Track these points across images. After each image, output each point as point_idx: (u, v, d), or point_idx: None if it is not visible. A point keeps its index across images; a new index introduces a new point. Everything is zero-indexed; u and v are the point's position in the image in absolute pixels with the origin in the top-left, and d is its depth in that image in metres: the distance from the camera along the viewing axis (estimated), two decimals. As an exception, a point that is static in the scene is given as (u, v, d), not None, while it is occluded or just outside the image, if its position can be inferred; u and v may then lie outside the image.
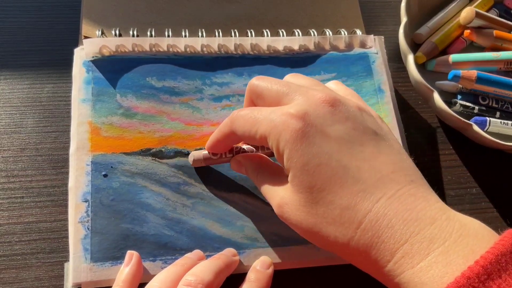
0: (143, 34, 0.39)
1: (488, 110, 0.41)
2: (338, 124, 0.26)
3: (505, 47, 0.43)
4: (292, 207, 0.26)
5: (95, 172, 0.33)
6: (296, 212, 0.26)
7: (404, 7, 0.43)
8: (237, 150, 0.33)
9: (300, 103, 0.26)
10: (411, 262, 0.22)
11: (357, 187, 0.24)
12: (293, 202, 0.26)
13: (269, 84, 0.29)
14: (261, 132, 0.27)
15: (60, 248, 0.33)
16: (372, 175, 0.25)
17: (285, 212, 0.27)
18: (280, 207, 0.27)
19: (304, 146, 0.25)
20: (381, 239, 0.23)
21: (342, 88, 0.31)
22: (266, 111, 0.27)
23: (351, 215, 0.24)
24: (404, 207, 0.23)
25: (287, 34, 0.41)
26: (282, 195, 0.27)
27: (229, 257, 0.31)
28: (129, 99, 0.36)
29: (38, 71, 0.39)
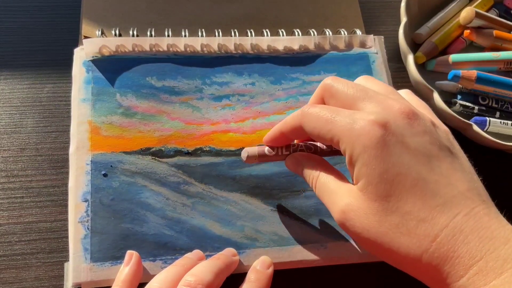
0: (143, 34, 0.39)
1: (488, 110, 0.41)
2: (417, 137, 0.26)
3: (505, 47, 0.43)
4: (359, 214, 0.26)
5: (94, 172, 0.33)
6: (365, 220, 0.25)
7: (404, 7, 0.43)
8: (294, 148, 0.32)
9: (379, 112, 0.26)
10: (485, 279, 0.22)
11: (436, 201, 0.24)
12: (362, 209, 0.26)
13: (345, 86, 0.28)
14: (334, 133, 0.26)
15: (60, 248, 0.33)
16: (449, 191, 0.24)
17: (350, 219, 0.26)
18: (344, 213, 0.26)
19: (384, 154, 0.25)
20: (456, 254, 0.23)
21: (414, 99, 0.31)
22: (343, 113, 0.27)
23: (428, 227, 0.24)
24: (479, 225, 0.23)
25: (287, 34, 0.41)
26: (348, 201, 0.26)
27: (229, 257, 0.31)
28: (129, 99, 0.36)
29: (38, 71, 0.39)
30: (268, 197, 0.34)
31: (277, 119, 0.37)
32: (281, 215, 0.34)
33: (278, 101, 0.38)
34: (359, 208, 0.26)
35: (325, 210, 0.34)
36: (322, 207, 0.34)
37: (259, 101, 0.38)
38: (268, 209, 0.34)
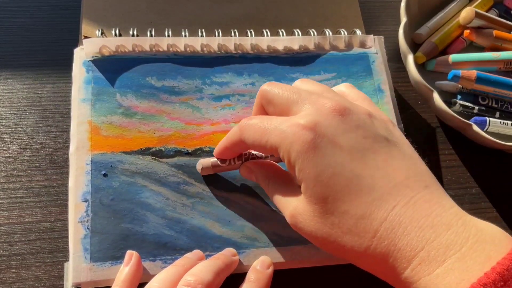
0: (143, 34, 0.39)
1: (488, 110, 0.41)
2: (349, 133, 0.26)
3: (505, 47, 0.43)
4: (305, 218, 0.26)
5: (94, 172, 0.33)
6: (310, 223, 0.26)
7: (404, 7, 0.43)
8: (246, 157, 0.33)
9: (310, 113, 0.26)
10: (428, 269, 0.22)
11: (372, 196, 0.24)
12: (306, 213, 0.26)
13: (280, 91, 0.28)
14: (271, 143, 0.27)
15: (60, 248, 0.33)
16: (386, 183, 0.25)
17: (299, 222, 0.27)
18: (293, 217, 0.27)
19: (316, 157, 0.25)
20: (397, 247, 0.23)
21: (354, 92, 0.31)
22: (276, 121, 0.27)
23: (367, 224, 0.24)
24: (419, 214, 0.23)
25: (287, 34, 0.41)
26: (295, 205, 0.27)
27: (229, 257, 0.31)
28: (129, 99, 0.36)
29: (38, 71, 0.39)
30: (268, 197, 0.34)
31: (277, 119, 0.37)
32: (281, 215, 0.34)
33: (278, 101, 0.38)
34: (304, 211, 0.26)
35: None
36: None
37: (259, 101, 0.38)
38: (268, 209, 0.34)
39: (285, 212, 0.28)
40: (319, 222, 0.26)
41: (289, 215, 0.28)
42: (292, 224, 0.28)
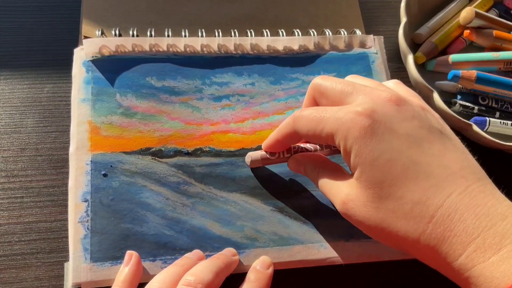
0: (143, 34, 0.39)
1: (488, 110, 0.41)
2: (405, 122, 0.26)
3: (505, 47, 0.43)
4: (358, 203, 0.26)
5: (94, 172, 0.33)
6: (363, 208, 0.26)
7: (404, 7, 0.43)
8: (295, 150, 0.33)
9: (366, 101, 0.27)
10: (483, 256, 0.23)
11: (429, 182, 0.25)
12: (359, 198, 0.26)
13: (333, 83, 0.29)
14: (327, 130, 0.27)
15: (60, 248, 0.33)
16: (442, 171, 0.25)
17: (350, 208, 0.27)
18: (344, 203, 0.27)
19: (373, 142, 0.25)
20: (453, 233, 0.23)
21: (403, 88, 0.31)
22: (331, 110, 0.27)
23: (423, 209, 0.24)
24: (475, 203, 0.24)
25: (287, 34, 0.41)
26: (347, 191, 0.27)
27: (229, 257, 0.31)
28: (128, 99, 0.36)
29: (38, 71, 0.39)
30: (268, 197, 0.34)
31: (277, 119, 0.37)
32: (281, 215, 0.34)
33: (278, 101, 0.38)
34: (357, 197, 0.26)
35: (325, 210, 0.34)
36: (322, 207, 0.34)
37: (259, 101, 0.38)
38: (268, 209, 0.34)
39: (335, 200, 0.28)
40: (372, 207, 0.26)
41: (340, 203, 0.28)
42: (343, 211, 0.28)
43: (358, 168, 0.26)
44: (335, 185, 0.28)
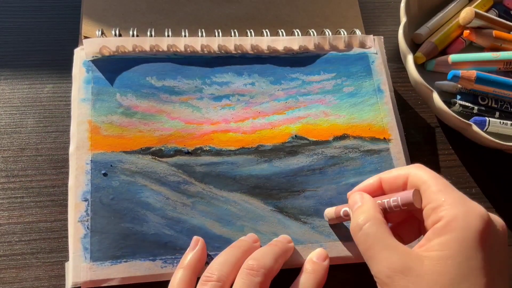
0: (143, 34, 0.39)
1: (488, 110, 0.41)
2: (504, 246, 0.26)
3: (505, 47, 0.43)
4: (419, 282, 0.24)
5: (94, 171, 0.33)
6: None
7: (404, 7, 0.43)
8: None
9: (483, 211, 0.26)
10: None
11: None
12: (426, 278, 0.24)
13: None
14: (443, 196, 0.26)
15: (60, 247, 0.33)
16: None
17: (406, 280, 0.25)
18: (400, 273, 0.25)
19: (483, 243, 0.25)
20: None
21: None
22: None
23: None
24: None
25: (287, 34, 0.41)
26: (409, 265, 0.25)
27: (285, 244, 0.32)
28: (129, 98, 0.36)
29: (38, 71, 0.39)
30: (268, 197, 0.34)
31: (276, 119, 0.37)
32: (281, 215, 0.34)
33: (278, 101, 0.38)
34: (421, 274, 0.25)
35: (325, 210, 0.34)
36: (322, 207, 0.34)
37: (259, 101, 0.38)
38: (268, 209, 0.34)
39: (384, 263, 0.26)
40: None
41: (393, 269, 0.25)
42: (390, 279, 0.25)
43: (447, 252, 0.24)
44: (391, 248, 0.26)
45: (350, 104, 0.38)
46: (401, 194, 0.28)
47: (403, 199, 0.28)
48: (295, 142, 0.37)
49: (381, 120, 0.38)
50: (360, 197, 0.30)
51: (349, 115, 0.38)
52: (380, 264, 0.26)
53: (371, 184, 0.31)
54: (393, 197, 0.28)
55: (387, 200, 0.29)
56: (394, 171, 0.30)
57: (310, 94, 0.38)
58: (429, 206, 0.27)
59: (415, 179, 0.28)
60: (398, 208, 0.28)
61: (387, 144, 0.37)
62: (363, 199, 0.30)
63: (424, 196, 0.27)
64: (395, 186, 0.29)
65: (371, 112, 0.38)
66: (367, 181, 0.31)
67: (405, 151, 0.38)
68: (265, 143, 0.36)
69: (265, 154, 0.36)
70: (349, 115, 0.38)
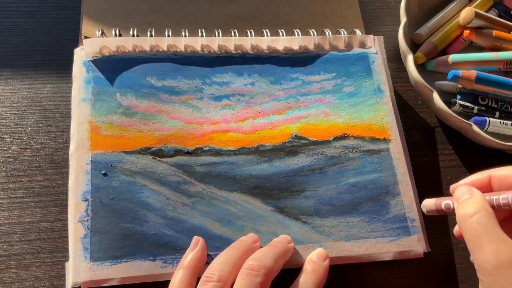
0: (143, 34, 0.39)
1: (488, 110, 0.41)
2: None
3: (505, 47, 0.43)
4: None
5: (94, 171, 0.33)
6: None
7: (404, 7, 0.43)
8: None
9: None
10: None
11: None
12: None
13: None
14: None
15: (60, 247, 0.33)
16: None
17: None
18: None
19: None
20: None
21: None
22: None
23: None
24: None
25: (287, 34, 0.41)
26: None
27: (286, 244, 0.32)
28: (129, 98, 0.36)
29: (38, 71, 0.39)
30: (268, 197, 0.34)
31: (276, 119, 0.37)
32: (281, 215, 0.34)
33: (278, 101, 0.38)
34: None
35: (325, 210, 0.34)
36: (322, 207, 0.34)
37: (259, 101, 0.38)
38: (268, 209, 0.34)
39: (493, 254, 0.25)
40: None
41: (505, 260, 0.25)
42: (497, 270, 0.25)
43: None
44: (503, 240, 0.26)
45: (350, 104, 0.38)
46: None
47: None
48: (295, 142, 0.37)
49: (381, 120, 0.38)
50: (468, 190, 0.29)
51: (349, 115, 0.38)
52: (488, 254, 0.25)
53: (479, 179, 0.30)
54: (503, 194, 0.28)
55: (496, 198, 0.28)
56: (507, 169, 0.29)
57: (310, 94, 0.38)
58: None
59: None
60: (507, 206, 0.27)
61: (387, 144, 0.37)
62: (471, 192, 0.29)
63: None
64: (506, 184, 0.29)
65: (371, 112, 0.38)
66: (475, 175, 0.30)
67: (405, 151, 0.38)
68: (265, 143, 0.36)
69: (265, 154, 0.36)
70: (349, 115, 0.38)
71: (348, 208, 0.35)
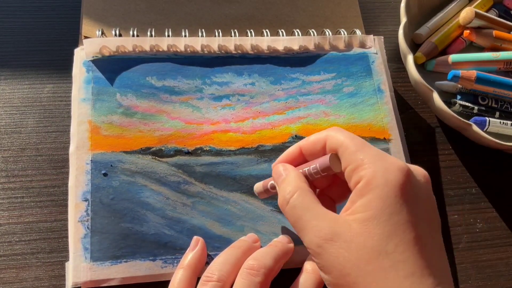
0: (143, 34, 0.39)
1: (488, 110, 0.41)
2: (429, 199, 0.26)
3: (505, 47, 0.43)
4: (346, 246, 0.24)
5: (94, 171, 0.33)
6: (353, 253, 0.24)
7: (404, 7, 0.43)
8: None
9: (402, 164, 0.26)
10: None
11: (430, 265, 0.24)
12: (352, 241, 0.24)
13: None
14: (361, 156, 0.26)
15: (60, 247, 0.33)
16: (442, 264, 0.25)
17: (335, 246, 0.24)
18: (329, 240, 0.25)
19: (404, 199, 0.24)
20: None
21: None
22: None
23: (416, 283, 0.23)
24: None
25: (287, 34, 0.41)
26: (335, 230, 0.25)
27: (285, 244, 0.32)
28: (129, 98, 0.36)
29: (38, 71, 0.39)
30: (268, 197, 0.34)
31: (277, 119, 0.37)
32: (281, 215, 0.34)
33: (278, 101, 0.38)
34: (349, 238, 0.24)
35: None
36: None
37: (259, 101, 0.38)
38: (268, 209, 0.34)
39: (312, 232, 0.25)
40: (366, 257, 0.24)
41: (321, 237, 0.25)
42: (320, 247, 0.25)
43: (372, 212, 0.24)
44: (317, 216, 0.26)
45: (350, 104, 0.38)
46: (319, 160, 0.28)
47: (321, 165, 0.27)
48: (295, 142, 0.36)
49: (381, 120, 0.38)
50: (283, 168, 0.29)
51: (349, 115, 0.38)
52: (310, 234, 0.25)
53: (291, 153, 0.30)
54: (312, 164, 0.28)
55: (308, 168, 0.28)
56: (312, 137, 0.29)
57: (310, 94, 0.38)
58: (350, 167, 0.26)
59: (333, 142, 0.27)
60: (318, 174, 0.28)
61: (387, 144, 0.37)
62: (286, 170, 0.29)
63: (343, 158, 0.26)
64: (315, 151, 0.29)
65: (371, 112, 0.38)
66: (288, 150, 0.31)
67: (405, 151, 0.38)
68: (265, 143, 0.36)
69: (265, 154, 0.36)
70: (349, 115, 0.38)
71: (348, 208, 0.35)
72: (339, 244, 0.24)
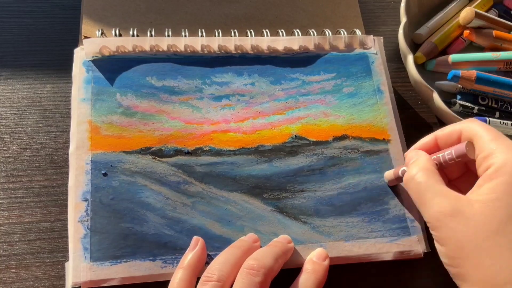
0: (143, 34, 0.39)
1: (488, 110, 0.41)
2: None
3: (505, 47, 0.43)
4: (469, 224, 0.26)
5: (94, 171, 0.33)
6: (475, 231, 0.26)
7: (404, 7, 0.43)
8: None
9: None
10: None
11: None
12: (475, 220, 0.26)
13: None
14: (496, 143, 0.27)
15: (60, 247, 0.33)
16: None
17: (456, 222, 0.26)
18: (450, 217, 0.27)
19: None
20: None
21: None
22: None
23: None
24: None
25: (287, 34, 0.41)
26: (458, 207, 0.27)
27: (285, 244, 0.32)
28: (129, 98, 0.36)
29: (38, 71, 0.39)
30: (268, 197, 0.34)
31: (277, 119, 0.37)
32: (281, 215, 0.34)
33: (278, 101, 0.38)
34: (469, 216, 0.26)
35: (325, 210, 0.34)
36: (322, 207, 0.34)
37: (259, 101, 0.38)
38: (268, 209, 0.34)
39: (434, 207, 0.27)
40: (487, 235, 0.25)
41: (444, 212, 0.27)
42: (440, 222, 0.27)
43: (498, 194, 0.26)
44: (440, 194, 0.28)
45: (350, 105, 0.38)
46: (455, 147, 0.30)
47: (457, 151, 0.30)
48: (295, 142, 0.37)
49: (381, 121, 0.38)
50: (415, 153, 0.32)
51: (348, 115, 0.38)
52: (432, 209, 0.28)
53: (426, 143, 0.32)
54: (447, 150, 0.30)
55: (442, 155, 0.31)
56: (448, 128, 0.31)
57: (310, 94, 0.38)
58: (481, 155, 0.28)
59: (468, 132, 0.29)
60: (452, 160, 0.30)
61: (386, 144, 0.37)
62: (418, 154, 0.31)
63: (477, 147, 0.28)
64: (450, 141, 0.31)
65: (371, 112, 0.38)
66: (423, 140, 0.33)
67: (404, 151, 0.38)
68: (265, 143, 0.36)
69: (265, 154, 0.36)
70: (349, 116, 0.38)
71: (348, 209, 0.35)
72: (459, 219, 0.26)
